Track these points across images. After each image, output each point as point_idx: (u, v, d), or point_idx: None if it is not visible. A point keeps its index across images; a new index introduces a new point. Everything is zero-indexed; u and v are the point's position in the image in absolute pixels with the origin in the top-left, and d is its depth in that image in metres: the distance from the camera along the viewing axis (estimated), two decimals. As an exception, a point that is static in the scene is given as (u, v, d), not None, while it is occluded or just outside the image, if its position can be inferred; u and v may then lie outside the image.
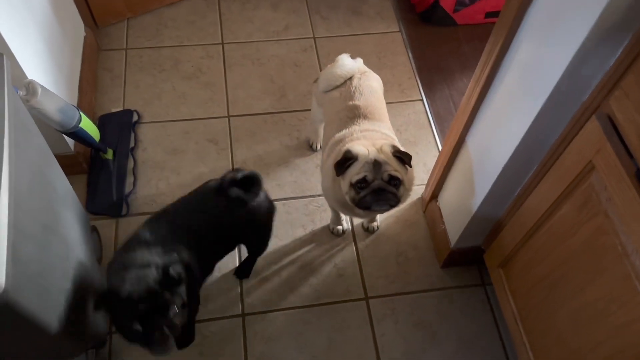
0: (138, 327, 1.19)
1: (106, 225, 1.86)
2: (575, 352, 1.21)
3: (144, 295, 1.19)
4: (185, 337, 1.59)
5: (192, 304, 1.39)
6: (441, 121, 2.23)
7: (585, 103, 1.10)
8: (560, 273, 1.23)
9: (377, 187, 1.41)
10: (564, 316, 1.24)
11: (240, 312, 1.74)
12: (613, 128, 1.01)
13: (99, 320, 1.57)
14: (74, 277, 1.41)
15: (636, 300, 0.97)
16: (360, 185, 1.42)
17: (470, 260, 1.84)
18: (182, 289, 1.25)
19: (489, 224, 1.60)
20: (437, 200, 1.87)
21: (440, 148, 2.12)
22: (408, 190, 1.51)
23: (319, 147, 2.08)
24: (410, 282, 1.83)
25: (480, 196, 1.48)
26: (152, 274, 1.21)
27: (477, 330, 1.75)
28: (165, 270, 1.22)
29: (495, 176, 1.37)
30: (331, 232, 1.92)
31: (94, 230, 1.71)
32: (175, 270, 1.22)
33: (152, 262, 1.25)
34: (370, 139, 1.50)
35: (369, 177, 1.40)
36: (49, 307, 1.20)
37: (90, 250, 1.59)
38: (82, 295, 1.43)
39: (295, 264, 1.85)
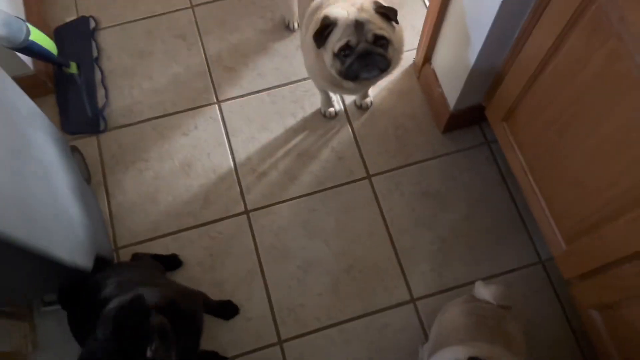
0: None
1: (88, 144, 1.76)
2: (593, 191, 1.16)
3: None
4: None
5: None
6: (425, -23, 2.02)
7: None
8: (570, 113, 1.15)
9: (362, 51, 1.27)
10: (579, 157, 1.17)
11: (243, 209, 1.69)
12: None
13: (100, 238, 1.53)
14: (61, 199, 1.34)
15: (658, 124, 0.90)
16: (344, 52, 1.28)
17: (471, 121, 1.75)
18: None
19: (489, 77, 1.49)
20: (430, 63, 1.74)
21: (428, 5, 1.94)
22: (399, 51, 1.38)
23: (296, 25, 1.91)
24: (412, 154, 1.76)
25: (476, 47, 1.36)
26: None
27: (485, 188, 1.71)
28: None
29: (491, 20, 1.23)
30: (323, 116, 1.82)
31: (75, 150, 1.62)
32: None
33: None
34: (350, 1, 1.34)
35: (352, 41, 1.26)
36: (40, 232, 1.14)
37: (74, 170, 1.51)
38: (76, 215, 1.38)
39: (291, 154, 1.77)
